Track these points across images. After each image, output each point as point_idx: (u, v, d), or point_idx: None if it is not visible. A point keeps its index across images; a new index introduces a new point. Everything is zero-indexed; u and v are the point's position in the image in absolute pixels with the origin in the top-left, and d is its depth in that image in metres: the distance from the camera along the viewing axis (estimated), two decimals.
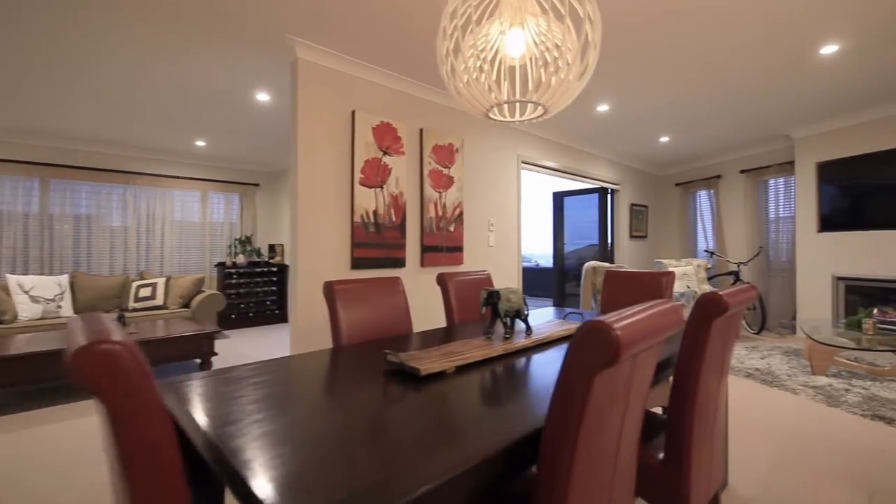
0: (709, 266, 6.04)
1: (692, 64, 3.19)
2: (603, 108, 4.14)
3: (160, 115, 4.28)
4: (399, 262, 3.34)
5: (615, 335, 0.67)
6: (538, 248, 9.63)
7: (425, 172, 3.55)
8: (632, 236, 6.62)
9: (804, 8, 2.48)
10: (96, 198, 5.58)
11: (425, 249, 3.54)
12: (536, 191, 9.25)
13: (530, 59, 1.48)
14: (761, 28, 2.70)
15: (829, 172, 4.71)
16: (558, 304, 7.09)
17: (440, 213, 3.67)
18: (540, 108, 1.52)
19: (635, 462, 1.03)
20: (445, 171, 3.72)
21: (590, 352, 0.70)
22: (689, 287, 5.41)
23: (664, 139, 5.32)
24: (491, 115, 1.52)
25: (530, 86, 1.46)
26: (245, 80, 3.38)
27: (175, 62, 3.08)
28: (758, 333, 5.23)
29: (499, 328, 1.81)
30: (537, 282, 9.98)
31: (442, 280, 2.20)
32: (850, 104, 4.16)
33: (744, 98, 3.92)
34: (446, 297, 2.24)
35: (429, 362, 1.24)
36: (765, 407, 2.84)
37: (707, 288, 5.48)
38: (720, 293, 1.16)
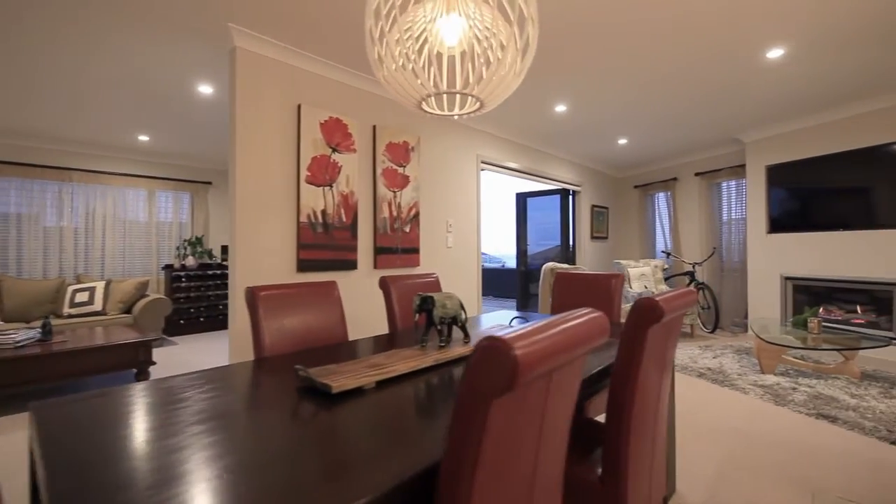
0: (666, 266, 6.16)
1: (646, 69, 3.20)
2: (561, 108, 4.12)
3: (98, 107, 3.97)
4: (350, 265, 3.20)
5: (513, 356, 0.57)
6: (509, 248, 9.63)
7: (379, 171, 3.41)
8: (593, 237, 6.68)
9: (750, 13, 2.50)
10: (28, 195, 5.15)
11: (379, 251, 3.41)
12: (503, 191, 9.25)
13: (466, 49, 1.39)
14: (710, 35, 2.71)
15: (777, 175, 4.86)
16: (522, 306, 7.08)
17: (395, 213, 3.54)
18: (477, 102, 1.42)
19: (560, 483, 0.94)
20: (400, 170, 3.59)
21: (485, 375, 0.60)
22: (646, 287, 5.48)
23: (622, 141, 5.37)
24: (425, 108, 1.41)
25: (468, 78, 1.37)
26: (186, 70, 3.16)
27: (112, 51, 2.83)
28: (712, 332, 5.35)
29: (435, 336, 1.70)
30: (503, 283, 9.98)
31: (384, 284, 2.08)
32: (797, 109, 4.30)
33: (697, 103, 3.98)
34: (388, 303, 2.12)
35: (345, 378, 1.12)
36: (715, 407, 2.85)
37: (664, 288, 5.56)
38: (655, 298, 1.09)
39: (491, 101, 1.40)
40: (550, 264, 3.91)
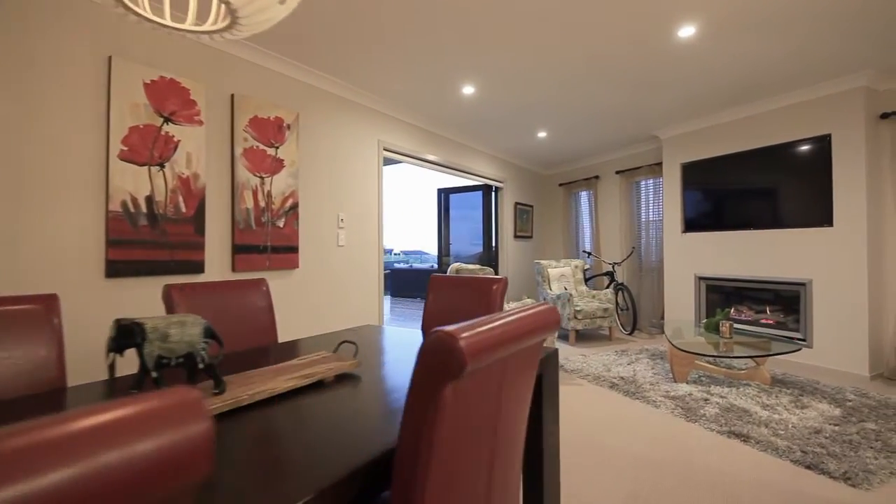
0: (587, 267, 5.96)
1: (554, 47, 2.82)
2: (468, 90, 3.68)
3: None
4: (194, 267, 2.53)
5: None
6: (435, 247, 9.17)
7: (238, 151, 2.77)
8: (517, 236, 6.37)
9: None
10: None
11: (238, 250, 2.76)
12: (429, 187, 8.79)
13: None
14: (619, 11, 2.37)
15: (692, 173, 4.76)
16: None
17: (263, 203, 2.91)
18: (227, 14, 0.87)
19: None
20: (271, 151, 2.97)
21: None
22: (566, 288, 5.21)
23: (541, 134, 5.07)
24: (130, 4, 0.84)
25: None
26: None
27: None
28: (630, 334, 5.19)
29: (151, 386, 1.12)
30: (424, 285, 9.46)
31: (168, 297, 1.46)
32: (710, 104, 4.18)
33: (613, 92, 3.71)
34: None
35: None
36: (625, 427, 2.52)
37: (583, 289, 5.34)
38: (461, 335, 0.60)
39: (247, 14, 0.86)
40: (456, 265, 3.47)
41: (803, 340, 3.83)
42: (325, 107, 3.42)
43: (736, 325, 4.28)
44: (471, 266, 3.40)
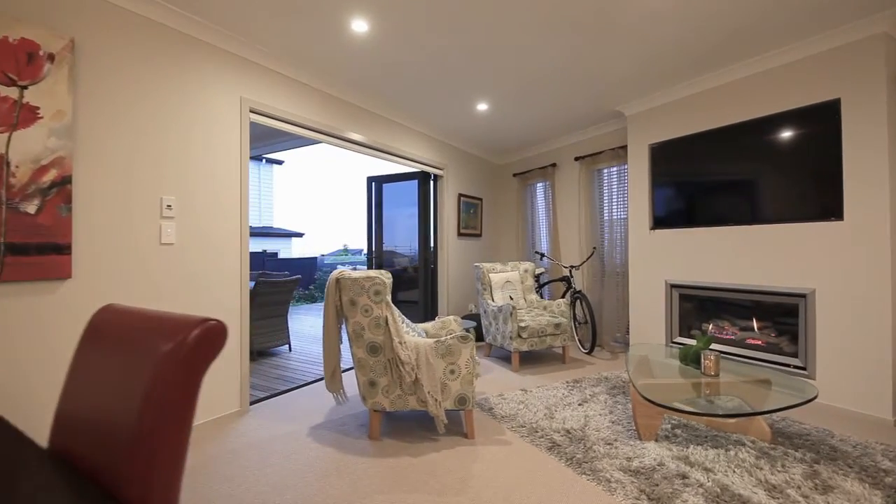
0: (541, 271, 5.01)
1: None
2: (359, 26, 2.64)
3: None
4: None
5: None
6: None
7: None
8: (461, 234, 5.37)
9: None
10: None
11: None
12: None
13: None
14: None
15: (662, 157, 3.85)
16: None
17: None
18: None
19: None
20: (11, 93, 1.85)
21: None
22: (511, 298, 4.23)
23: (482, 106, 4.08)
24: None
25: None
26: None
27: None
28: (589, 353, 4.25)
29: None
30: None
31: None
32: (680, 67, 3.27)
33: (555, 48, 2.74)
34: None
35: None
36: None
37: (534, 298, 4.37)
38: None
39: None
40: (337, 272, 2.42)
41: (803, 369, 2.96)
42: (137, 36, 2.31)
43: (714, 345, 3.39)
44: (355, 274, 2.37)
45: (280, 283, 4.38)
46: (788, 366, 3.02)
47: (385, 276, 2.59)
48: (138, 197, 2.31)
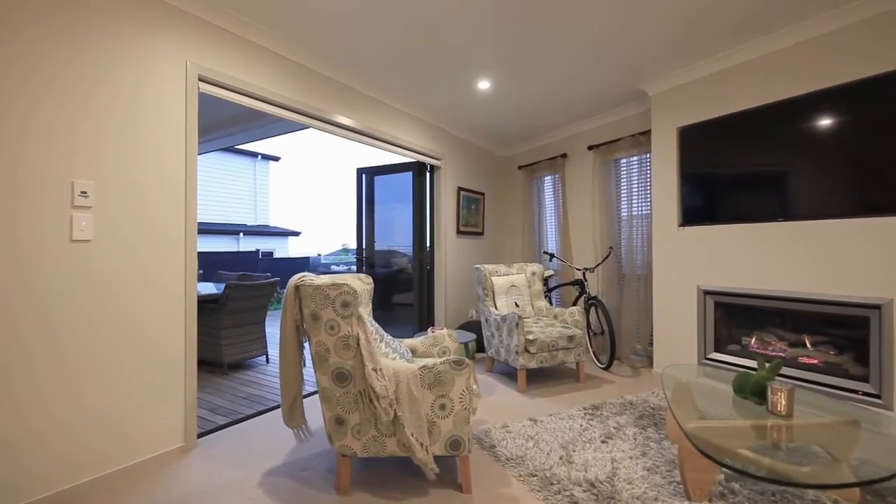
0: (550, 273, 4.47)
1: None
2: None
3: None
4: None
5: None
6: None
7: None
8: (460, 232, 4.85)
9: None
10: None
11: None
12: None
13: None
14: None
15: (693, 141, 3.31)
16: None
17: None
18: None
19: None
20: None
21: None
22: (517, 305, 3.70)
23: (483, 85, 3.55)
24: None
25: None
26: None
27: None
28: (607, 368, 3.71)
29: None
30: None
31: None
32: (720, 33, 2.73)
33: (579, 18, 2.21)
34: None
35: None
36: None
37: (542, 305, 3.83)
38: None
39: None
40: (297, 277, 1.92)
41: (876, 397, 2.41)
42: None
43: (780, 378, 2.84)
44: (318, 280, 1.86)
45: (254, 286, 3.87)
46: (855, 391, 2.48)
47: (360, 283, 2.07)
48: (38, 180, 1.79)
